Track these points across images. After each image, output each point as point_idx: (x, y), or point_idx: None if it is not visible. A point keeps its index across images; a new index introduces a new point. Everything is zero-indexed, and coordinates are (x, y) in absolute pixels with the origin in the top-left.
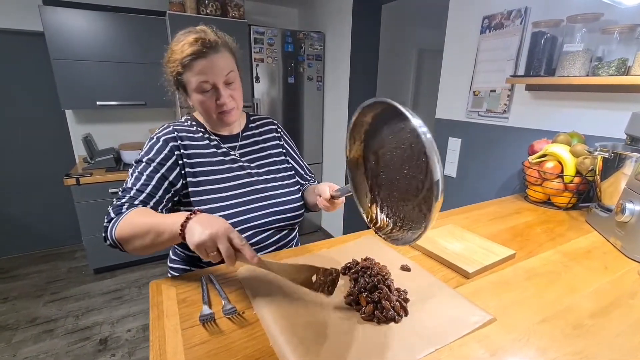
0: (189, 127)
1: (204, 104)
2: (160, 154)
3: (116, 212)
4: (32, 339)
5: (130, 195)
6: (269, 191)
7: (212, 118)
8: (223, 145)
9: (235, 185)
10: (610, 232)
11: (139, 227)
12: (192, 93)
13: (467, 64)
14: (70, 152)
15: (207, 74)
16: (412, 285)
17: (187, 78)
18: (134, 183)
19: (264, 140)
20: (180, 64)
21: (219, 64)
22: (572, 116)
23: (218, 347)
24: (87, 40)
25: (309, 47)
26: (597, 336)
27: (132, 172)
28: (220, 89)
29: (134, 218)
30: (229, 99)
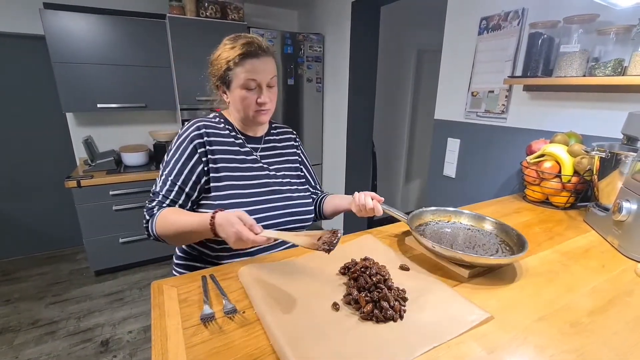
0: (217, 124)
1: (246, 100)
2: (183, 155)
3: (149, 214)
4: (34, 340)
5: (159, 200)
6: (285, 193)
7: (248, 115)
8: (247, 145)
9: (255, 184)
10: (607, 231)
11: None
12: (236, 89)
13: (466, 65)
14: (71, 154)
15: (256, 72)
16: (410, 284)
17: (235, 74)
18: (162, 187)
19: (283, 147)
20: (232, 60)
21: (267, 67)
22: (570, 116)
23: (219, 346)
24: (87, 43)
25: (309, 49)
26: (595, 334)
27: (161, 174)
28: (263, 89)
29: (166, 218)
30: (268, 99)
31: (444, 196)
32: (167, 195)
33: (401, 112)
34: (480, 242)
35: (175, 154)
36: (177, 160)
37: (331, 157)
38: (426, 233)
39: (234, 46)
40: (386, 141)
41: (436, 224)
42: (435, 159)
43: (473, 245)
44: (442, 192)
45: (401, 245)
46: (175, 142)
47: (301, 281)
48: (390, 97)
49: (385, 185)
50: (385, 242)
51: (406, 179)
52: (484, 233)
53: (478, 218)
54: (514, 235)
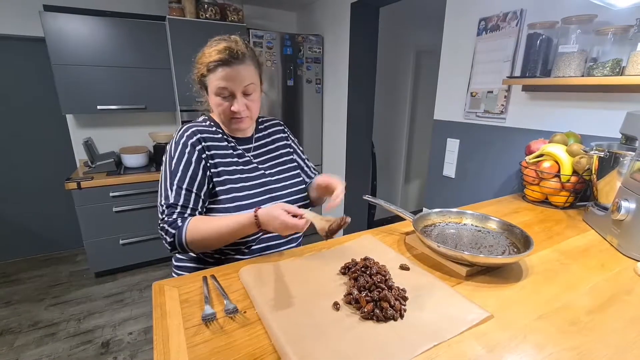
0: (208, 128)
1: (220, 106)
2: (191, 161)
3: (174, 227)
4: (34, 342)
5: (178, 211)
6: (280, 191)
7: (225, 121)
8: (239, 147)
9: (251, 185)
10: (606, 231)
11: (208, 232)
12: (211, 95)
13: (465, 66)
14: (71, 156)
15: (227, 81)
16: (411, 284)
17: (209, 80)
18: (177, 199)
19: (273, 141)
20: (206, 66)
21: (240, 75)
22: (568, 116)
23: (220, 346)
24: (87, 45)
25: (308, 50)
26: (594, 332)
27: (170, 185)
28: (237, 97)
29: (198, 227)
30: (242, 107)
31: (443, 196)
32: (186, 204)
33: (400, 112)
34: (487, 243)
35: (181, 160)
36: (186, 167)
37: (331, 157)
38: (432, 234)
39: (211, 51)
40: (386, 142)
41: (446, 225)
42: (435, 159)
43: (479, 246)
44: (441, 193)
45: (401, 245)
46: (173, 150)
47: (302, 281)
48: (390, 98)
49: (385, 185)
50: (385, 241)
51: (406, 179)
52: (494, 234)
53: (483, 218)
54: (519, 234)
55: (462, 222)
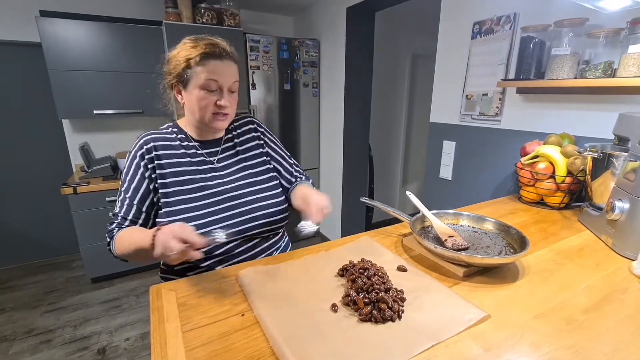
0: (167, 134)
1: (203, 101)
2: (137, 173)
3: (109, 236)
4: (29, 350)
5: (117, 222)
6: (246, 197)
7: (204, 118)
8: (201, 151)
9: (206, 194)
10: (601, 230)
11: (128, 247)
12: (194, 89)
13: (460, 69)
14: (68, 161)
15: (218, 74)
16: (408, 285)
17: (195, 72)
18: (120, 208)
19: (242, 142)
20: (193, 58)
21: (230, 71)
22: (562, 118)
23: (219, 349)
24: (84, 50)
25: (305, 54)
26: (589, 331)
27: (119, 195)
28: (224, 92)
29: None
30: (228, 103)
31: (440, 199)
32: (126, 215)
33: (397, 116)
34: (483, 244)
35: (128, 172)
36: (131, 179)
37: (328, 161)
38: (429, 236)
39: (196, 45)
40: (382, 145)
41: None
42: (432, 161)
43: (475, 247)
44: (438, 195)
45: (399, 246)
46: (127, 160)
47: (300, 283)
48: (386, 102)
49: (383, 188)
50: (383, 243)
51: (403, 182)
52: (490, 235)
53: (479, 219)
54: (515, 234)
55: (458, 223)
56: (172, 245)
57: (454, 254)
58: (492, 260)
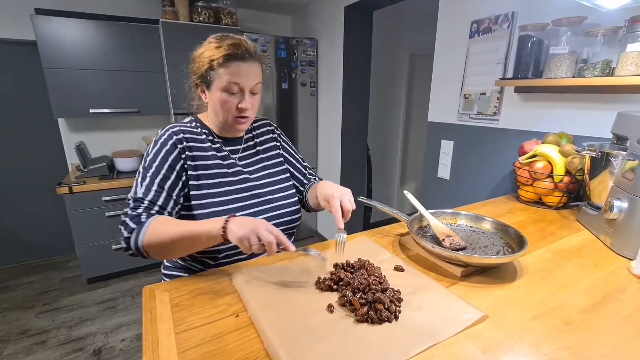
0: (193, 129)
1: (226, 104)
2: (167, 159)
3: (136, 222)
4: (23, 351)
5: (145, 206)
6: (266, 196)
7: (227, 120)
8: (225, 148)
9: (233, 190)
10: (600, 230)
11: (171, 235)
12: (217, 91)
13: (458, 68)
14: (63, 160)
15: (240, 76)
16: (405, 285)
17: (218, 74)
18: (145, 193)
19: (261, 142)
20: (217, 60)
21: (252, 72)
22: (561, 117)
23: (212, 350)
24: (80, 48)
25: (302, 53)
26: (588, 331)
27: (142, 180)
28: (246, 94)
29: (162, 226)
30: (250, 106)
31: (438, 198)
32: (155, 200)
33: (395, 115)
34: (481, 244)
35: (157, 157)
36: (161, 163)
37: (326, 161)
38: (427, 235)
39: (220, 45)
40: (381, 144)
41: None
42: (430, 161)
43: (473, 247)
44: (437, 194)
45: (396, 246)
46: (151, 147)
47: (295, 283)
48: (384, 101)
49: (381, 188)
50: (380, 243)
51: (401, 181)
52: (488, 235)
53: (477, 219)
54: (513, 234)
55: (456, 222)
56: (265, 235)
57: (451, 254)
58: (490, 260)
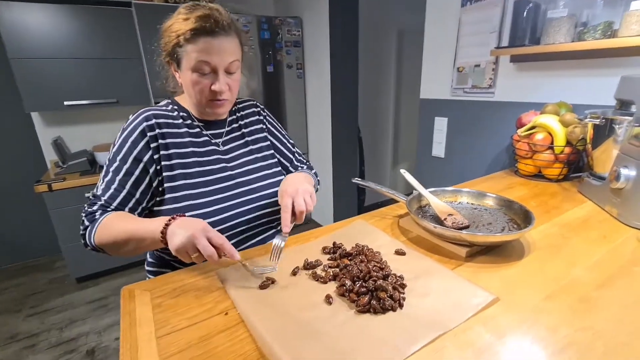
0: (169, 112)
1: (197, 85)
2: (132, 152)
3: (90, 219)
4: (12, 356)
5: (102, 203)
6: (250, 185)
7: (201, 103)
8: (205, 132)
9: (212, 180)
10: (605, 201)
11: (118, 235)
12: (187, 70)
13: (450, 40)
14: (41, 157)
15: (210, 54)
16: (408, 269)
17: (186, 52)
18: (105, 191)
19: (246, 125)
20: (183, 35)
21: (225, 49)
22: (559, 86)
23: (199, 355)
24: (48, 36)
25: (287, 34)
26: (606, 309)
27: (105, 175)
28: (219, 75)
29: (112, 225)
30: (225, 87)
31: (433, 177)
32: (111, 200)
33: (385, 94)
34: (484, 221)
35: (121, 149)
36: (124, 157)
37: (317, 145)
38: (428, 215)
39: (188, 17)
40: (372, 126)
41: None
42: (423, 139)
43: (476, 225)
44: (431, 173)
45: (395, 228)
46: (120, 137)
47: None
48: (374, 81)
49: (373, 170)
50: (378, 226)
51: (394, 162)
52: (491, 211)
53: (479, 195)
54: (519, 209)
55: (457, 200)
56: (204, 246)
57: (454, 233)
58: (496, 238)
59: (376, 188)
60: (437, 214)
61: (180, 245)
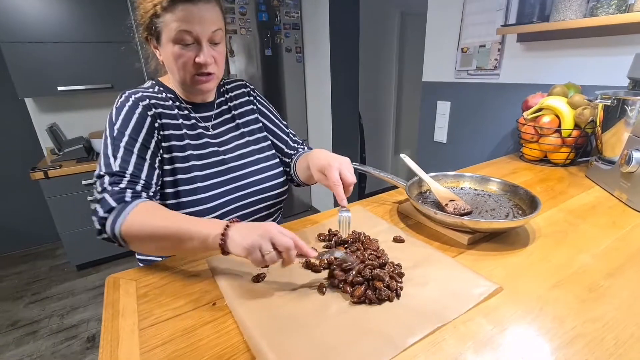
0: (156, 94)
1: (180, 58)
2: (143, 125)
3: (118, 199)
4: (14, 342)
5: (129, 180)
6: (242, 170)
7: (185, 79)
8: (194, 115)
9: (198, 165)
10: (614, 186)
11: (157, 229)
12: (167, 43)
13: (454, 19)
14: (37, 144)
15: (191, 22)
16: (407, 258)
17: (165, 22)
18: (123, 166)
19: (236, 106)
20: (160, 2)
21: (207, 17)
22: (568, 66)
23: (182, 348)
24: (38, 18)
25: (285, 15)
26: (616, 298)
27: (114, 150)
28: (203, 45)
29: (150, 214)
30: (210, 60)
31: (435, 163)
32: (137, 173)
33: (387, 80)
34: (488, 207)
35: (128, 123)
36: (137, 130)
37: (316, 132)
38: (428, 201)
39: None
40: (373, 111)
41: None
42: (425, 124)
43: (479, 211)
44: (433, 159)
45: (394, 214)
46: (115, 114)
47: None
48: (375, 65)
49: (374, 157)
50: (376, 212)
51: (395, 149)
52: (495, 197)
53: (482, 180)
54: (524, 194)
55: (459, 186)
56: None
57: (456, 219)
58: (500, 224)
59: (374, 173)
60: (438, 200)
61: (253, 242)
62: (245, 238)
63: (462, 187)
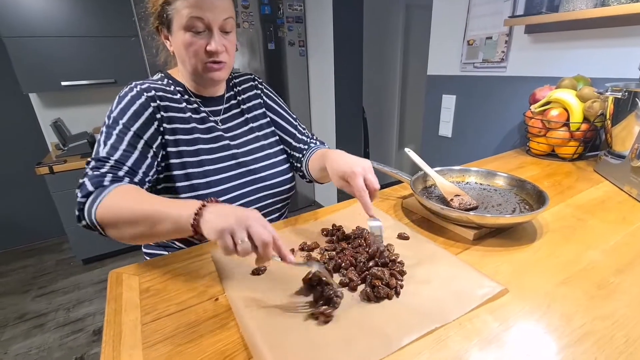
0: (165, 86)
1: (192, 46)
2: (141, 115)
3: (96, 184)
4: (22, 335)
5: (112, 165)
6: (252, 164)
7: (197, 68)
8: (203, 108)
9: (210, 159)
10: (624, 180)
11: (130, 212)
12: (178, 31)
13: (460, 11)
14: (42, 140)
15: (203, 9)
16: (411, 255)
17: (176, 9)
18: (110, 152)
19: (244, 100)
20: None
21: (218, 3)
22: (577, 58)
23: (184, 343)
24: (41, 14)
25: (288, 8)
26: (627, 295)
27: (106, 138)
28: (214, 33)
29: (122, 198)
30: (222, 48)
31: (440, 157)
32: (123, 160)
33: (391, 74)
34: (494, 202)
35: (126, 112)
36: (133, 119)
37: (320, 127)
38: (433, 196)
39: None
40: (376, 106)
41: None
42: (430, 119)
43: (485, 206)
44: (438, 154)
45: (398, 210)
46: (116, 103)
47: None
48: (379, 59)
49: (378, 152)
50: (380, 207)
51: (399, 144)
52: (501, 192)
53: (488, 175)
54: (531, 189)
55: (464, 180)
56: (259, 230)
57: (461, 215)
58: (507, 220)
59: (378, 167)
60: (443, 195)
61: (227, 226)
62: (219, 220)
63: (468, 182)
